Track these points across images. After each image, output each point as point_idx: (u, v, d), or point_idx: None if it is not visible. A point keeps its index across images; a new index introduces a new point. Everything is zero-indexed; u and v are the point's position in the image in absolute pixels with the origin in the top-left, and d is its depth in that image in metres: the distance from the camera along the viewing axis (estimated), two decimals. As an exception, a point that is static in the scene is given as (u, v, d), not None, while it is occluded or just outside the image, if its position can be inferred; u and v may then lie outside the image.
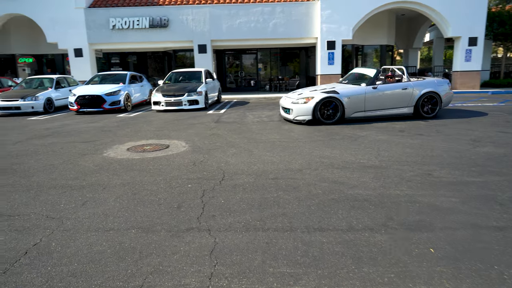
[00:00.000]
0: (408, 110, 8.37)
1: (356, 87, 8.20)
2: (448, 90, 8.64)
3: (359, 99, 8.04)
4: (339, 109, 7.95)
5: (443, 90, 8.47)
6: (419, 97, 8.27)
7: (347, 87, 8.27)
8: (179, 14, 17.52)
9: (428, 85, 8.40)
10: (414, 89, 8.28)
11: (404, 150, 5.42)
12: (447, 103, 8.82)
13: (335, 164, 4.72)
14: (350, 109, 8.03)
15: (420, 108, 8.35)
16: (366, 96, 8.06)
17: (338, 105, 7.93)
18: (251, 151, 5.61)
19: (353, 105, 8.01)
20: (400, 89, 8.25)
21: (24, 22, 18.41)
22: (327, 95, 7.87)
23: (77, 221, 3.13)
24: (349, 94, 7.99)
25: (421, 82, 8.49)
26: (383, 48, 20.17)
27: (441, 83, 8.62)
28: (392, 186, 3.83)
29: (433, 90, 8.33)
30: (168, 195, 3.72)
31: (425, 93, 8.28)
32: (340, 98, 7.90)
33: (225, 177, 4.26)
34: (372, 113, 8.23)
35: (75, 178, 4.41)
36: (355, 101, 8.02)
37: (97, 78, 13.59)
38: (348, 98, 7.96)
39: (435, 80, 8.72)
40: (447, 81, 8.82)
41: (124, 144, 6.43)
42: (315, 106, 7.84)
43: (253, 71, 21.87)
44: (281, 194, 3.67)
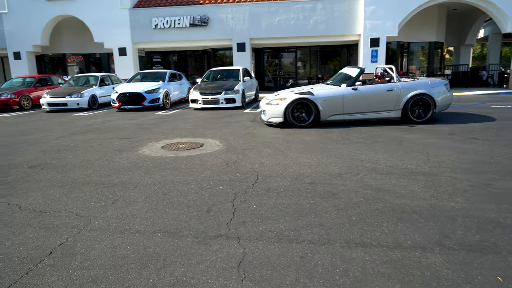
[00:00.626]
0: (395, 114, 7.52)
1: (334, 88, 7.57)
2: (445, 92, 7.65)
3: (336, 101, 7.38)
4: (313, 111, 7.39)
5: (437, 92, 7.51)
6: (407, 99, 7.41)
7: (325, 88, 7.65)
8: (219, 13, 17.58)
9: (419, 86, 7.48)
10: (402, 90, 7.41)
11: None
12: (444, 107, 7.85)
13: (379, 169, 4.32)
14: (326, 112, 7.41)
15: (409, 112, 7.48)
16: (345, 98, 7.38)
17: (312, 107, 7.37)
18: (286, 152, 5.33)
19: (329, 108, 7.39)
20: (385, 90, 7.43)
21: (74, 23, 19.37)
22: (300, 96, 7.33)
23: (105, 221, 3.04)
24: (325, 96, 7.38)
25: (411, 83, 7.58)
26: (432, 45, 18.96)
27: (435, 84, 7.63)
28: (445, 197, 3.39)
29: (424, 92, 7.41)
30: (198, 197, 3.55)
31: (415, 95, 7.40)
32: (314, 100, 7.31)
33: (259, 180, 4.03)
34: (352, 116, 7.53)
35: (108, 175, 4.38)
36: (332, 103, 7.38)
37: (138, 76, 13.95)
38: (324, 100, 7.35)
39: (429, 81, 7.70)
40: (444, 82, 7.80)
41: (159, 141, 6.41)
42: (286, 108, 7.34)
43: (292, 70, 21.49)
44: (318, 201, 3.36)
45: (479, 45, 38.87)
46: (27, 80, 14.85)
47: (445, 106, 7.86)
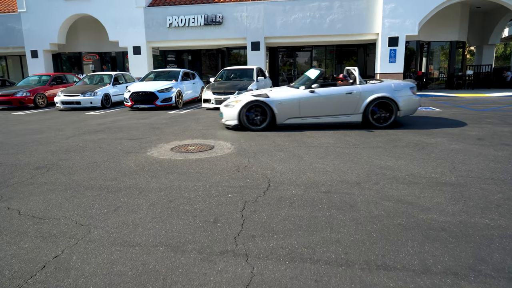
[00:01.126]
0: (356, 117, 7.16)
1: (291, 91, 7.23)
2: (410, 96, 7.21)
3: (292, 104, 7.07)
4: (268, 114, 7.08)
5: (401, 96, 7.09)
6: (367, 103, 7.01)
7: (283, 90, 7.32)
8: (233, 11, 17.37)
9: (381, 89, 7.07)
10: (362, 94, 7.04)
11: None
12: (410, 111, 7.39)
13: (400, 178, 4.01)
14: (282, 115, 7.11)
15: (370, 116, 7.10)
16: (301, 101, 7.06)
17: (267, 110, 7.07)
18: (301, 156, 5.06)
19: (285, 111, 7.09)
20: (343, 93, 7.06)
21: (90, 22, 19.51)
22: (254, 98, 7.04)
23: (105, 231, 2.84)
24: (282, 99, 7.08)
25: (372, 86, 7.14)
26: (453, 44, 18.29)
27: (400, 87, 7.17)
28: (477, 212, 3.06)
29: (386, 96, 7.00)
30: (206, 205, 3.32)
31: (375, 99, 7.01)
32: (268, 103, 7.03)
33: (270, 187, 3.77)
34: (309, 120, 7.20)
35: (114, 179, 4.20)
36: (288, 106, 7.07)
37: (151, 75, 13.87)
38: (280, 103, 7.06)
39: (392, 83, 7.23)
40: (410, 85, 7.30)
41: (169, 143, 6.22)
42: (240, 110, 7.08)
43: (307, 69, 21.09)
44: (334, 213, 3.09)
45: (502, 44, 37.57)
46: (43, 78, 14.97)
47: (411, 110, 7.42)
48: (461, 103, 12.09)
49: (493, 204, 3.22)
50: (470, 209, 3.10)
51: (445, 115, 9.12)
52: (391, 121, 7.16)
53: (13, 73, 22.91)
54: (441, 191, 3.56)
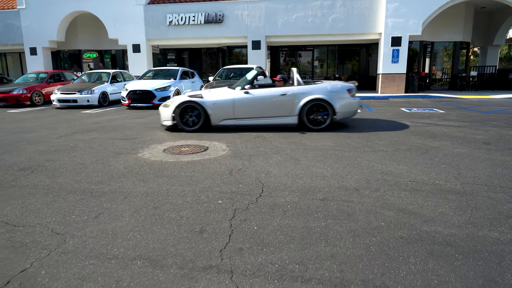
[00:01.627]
0: (292, 119, 6.94)
1: (226, 92, 7.07)
2: (347, 98, 6.98)
3: (227, 106, 6.93)
4: (201, 115, 6.94)
5: (338, 98, 6.87)
6: (302, 105, 6.81)
7: (219, 92, 7.15)
8: (234, 9, 17.15)
9: (316, 91, 6.85)
10: (297, 95, 6.84)
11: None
12: (348, 113, 7.14)
13: (402, 184, 3.77)
14: (217, 116, 6.98)
15: (305, 118, 6.88)
16: (236, 102, 6.91)
17: (201, 111, 6.93)
18: (298, 160, 4.83)
19: (220, 112, 6.96)
20: (278, 95, 6.87)
21: (90, 19, 19.33)
22: (188, 99, 6.90)
23: (81, 241, 2.62)
24: (216, 100, 6.95)
25: (308, 87, 6.92)
26: (457, 45, 18.00)
27: (336, 89, 6.96)
28: (485, 224, 2.82)
29: (320, 98, 6.78)
30: (193, 213, 3.10)
31: (310, 100, 6.79)
32: (202, 104, 6.90)
33: (264, 193, 3.55)
34: (244, 121, 7.03)
35: (99, 182, 3.99)
36: (223, 108, 6.94)
37: (150, 73, 13.67)
38: (214, 103, 6.93)
39: (329, 85, 7.01)
40: (347, 86, 7.06)
41: (162, 143, 6.01)
42: (174, 110, 6.95)
43: (309, 69, 20.88)
44: (330, 223, 2.86)
45: (506, 45, 37.18)
46: (40, 75, 14.80)
47: (349, 112, 7.16)
48: (465, 105, 11.83)
49: (502, 215, 2.99)
50: (478, 221, 2.87)
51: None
52: (327, 124, 6.94)
53: (13, 70, 22.77)
54: (446, 200, 3.33)
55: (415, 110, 10.48)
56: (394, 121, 8.16)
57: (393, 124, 7.72)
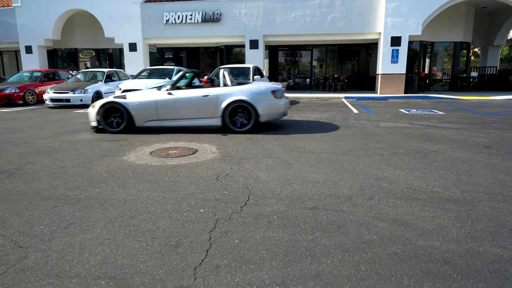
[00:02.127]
0: (216, 121, 6.81)
1: (150, 93, 6.92)
2: (272, 100, 6.81)
3: (150, 107, 6.81)
4: (124, 116, 6.79)
5: (261, 100, 6.71)
6: (224, 106, 6.66)
7: (145, 93, 7.01)
8: (231, 8, 16.92)
9: (239, 93, 6.70)
10: (219, 97, 6.71)
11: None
12: (275, 115, 6.98)
13: (398, 191, 3.55)
14: (141, 117, 6.85)
15: (227, 119, 6.73)
16: (159, 104, 6.78)
17: (124, 112, 6.77)
18: (290, 164, 4.61)
19: (143, 113, 6.83)
20: (200, 96, 6.74)
21: (86, 17, 19.09)
22: (111, 100, 6.78)
23: (45, 255, 2.40)
24: (139, 101, 6.81)
25: (231, 89, 6.78)
26: (458, 45, 17.78)
27: (260, 91, 6.80)
28: (487, 238, 2.60)
29: (242, 99, 6.63)
30: (171, 223, 2.87)
31: (232, 102, 6.64)
32: (125, 105, 6.76)
33: (250, 201, 3.32)
34: (168, 123, 6.90)
35: (77, 187, 3.76)
36: (146, 109, 6.81)
37: (145, 73, 13.43)
38: (137, 104, 6.79)
39: (253, 87, 6.86)
40: (272, 88, 6.89)
41: (150, 145, 5.78)
42: (98, 111, 6.82)
43: (307, 69, 20.66)
44: (318, 236, 2.63)
45: (507, 46, 36.92)
46: (34, 74, 14.56)
47: (275, 114, 6.99)
48: (465, 106, 11.60)
49: (505, 227, 2.76)
50: (478, 234, 2.65)
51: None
52: (250, 126, 6.76)
53: (9, 68, 22.54)
54: (444, 210, 3.10)
55: (414, 111, 10.25)
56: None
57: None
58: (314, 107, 11.52)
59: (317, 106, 12.01)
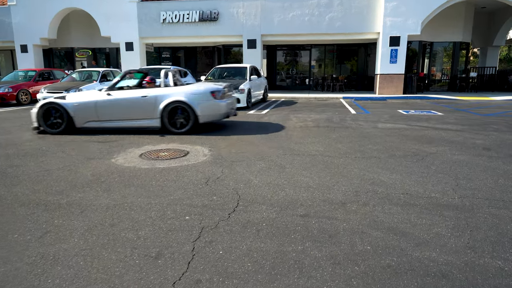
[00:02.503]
0: (156, 122, 6.69)
1: (91, 94, 6.89)
2: (211, 101, 6.71)
3: (89, 107, 6.73)
4: (64, 117, 6.72)
5: (200, 101, 6.59)
6: (163, 107, 6.55)
7: (84, 93, 6.96)
8: (229, 7, 16.75)
9: (178, 94, 6.58)
10: (158, 97, 6.60)
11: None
12: (214, 117, 6.87)
13: (394, 197, 3.40)
14: (80, 118, 6.78)
15: (167, 121, 6.62)
16: (98, 104, 6.71)
17: (63, 112, 6.70)
18: (283, 167, 4.45)
19: (83, 114, 6.76)
20: (139, 97, 6.64)
21: (82, 16, 18.90)
22: (50, 100, 6.70)
23: (14, 268, 2.24)
24: (79, 102, 6.75)
25: (170, 90, 6.66)
26: (457, 45, 17.65)
27: (199, 91, 6.71)
28: (487, 249, 2.44)
29: (180, 100, 6.51)
30: (153, 232, 2.71)
31: (170, 103, 6.53)
32: (64, 105, 6.68)
33: (238, 207, 3.17)
34: (108, 124, 6.81)
35: (59, 192, 3.60)
36: (86, 109, 6.74)
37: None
38: (77, 105, 6.73)
39: (192, 88, 6.78)
40: (212, 89, 6.80)
41: (141, 147, 5.62)
42: (38, 112, 6.74)
43: (306, 69, 20.51)
44: (308, 247, 2.48)
45: (506, 47, 36.81)
46: (29, 73, 14.39)
47: (215, 115, 6.88)
48: (464, 107, 11.46)
49: (506, 237, 2.61)
50: (478, 244, 2.49)
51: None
52: (189, 127, 6.65)
53: (5, 68, 22.34)
54: (442, 217, 2.95)
55: (413, 112, 10.10)
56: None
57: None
58: (311, 108, 11.36)
59: (315, 106, 11.86)
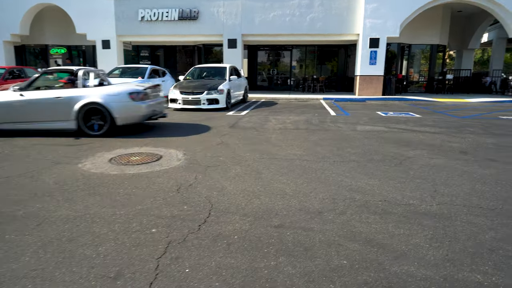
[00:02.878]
0: (71, 124, 6.48)
1: (7, 94, 6.61)
2: (129, 102, 6.49)
3: (4, 108, 6.51)
4: None
5: (116, 102, 6.40)
6: (78, 109, 6.35)
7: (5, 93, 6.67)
8: (209, 6, 16.49)
9: (94, 95, 6.40)
10: (73, 98, 6.40)
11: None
12: (133, 118, 6.65)
13: (372, 205, 3.29)
14: None
15: (82, 123, 6.43)
16: (12, 105, 6.48)
17: None
18: (259, 172, 4.29)
19: None
20: (53, 98, 6.44)
21: (57, 12, 18.18)
22: None
23: (-48, 294, 1.99)
24: None
25: (86, 91, 6.48)
26: (434, 48, 17.99)
27: (115, 93, 6.52)
28: (466, 261, 2.36)
29: (95, 101, 6.32)
30: (115, 248, 2.50)
31: (85, 104, 6.34)
32: None
33: (210, 218, 2.98)
34: (22, 125, 6.60)
35: (17, 202, 3.32)
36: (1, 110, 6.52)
37: (117, 71, 12.85)
38: None
39: (110, 89, 6.62)
40: (129, 90, 6.59)
41: (111, 151, 5.35)
42: None
43: (287, 70, 20.46)
44: (282, 262, 2.33)
45: (480, 50, 37.99)
46: (-2, 71, 13.68)
47: (133, 117, 6.66)
48: (441, 109, 11.64)
49: (484, 247, 2.53)
50: (457, 257, 2.40)
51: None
52: (105, 130, 6.45)
53: (-26, 65, 21.28)
54: (421, 226, 2.86)
55: (391, 114, 10.16)
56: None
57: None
58: (291, 109, 11.27)
59: (295, 107, 11.78)
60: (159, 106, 7.40)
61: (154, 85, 7.45)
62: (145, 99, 6.77)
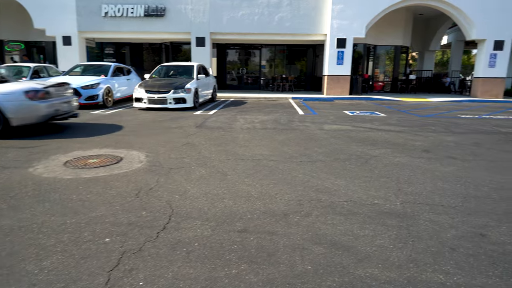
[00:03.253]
0: None
1: None
2: (24, 102, 6.08)
3: None
4: None
5: (10, 102, 5.99)
6: None
7: None
8: (176, 3, 16.12)
9: None
10: None
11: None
12: (30, 119, 6.21)
13: (337, 205, 3.26)
14: None
15: None
16: None
17: None
18: (225, 174, 4.16)
19: None
20: None
21: (14, 5, 17.09)
22: None
23: None
24: None
25: None
26: (398, 49, 18.61)
27: (10, 92, 6.10)
28: (428, 261, 2.35)
29: None
30: (62, 261, 2.28)
31: None
32: None
33: (170, 224, 2.82)
34: None
35: (-48, 212, 2.99)
36: None
37: (78, 69, 12.27)
38: None
39: (4, 88, 6.18)
40: (25, 89, 6.18)
41: (68, 153, 5.01)
42: None
43: (257, 69, 20.42)
44: (244, 269, 2.21)
45: (440, 51, 39.85)
46: None
47: (31, 118, 6.22)
48: (404, 108, 12.01)
49: (446, 246, 2.55)
50: (420, 257, 2.39)
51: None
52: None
53: None
54: (385, 226, 2.84)
55: (358, 113, 10.34)
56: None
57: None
58: (260, 108, 11.21)
59: (264, 107, 11.73)
60: (66, 105, 6.88)
61: (59, 83, 6.94)
62: (46, 98, 6.30)
